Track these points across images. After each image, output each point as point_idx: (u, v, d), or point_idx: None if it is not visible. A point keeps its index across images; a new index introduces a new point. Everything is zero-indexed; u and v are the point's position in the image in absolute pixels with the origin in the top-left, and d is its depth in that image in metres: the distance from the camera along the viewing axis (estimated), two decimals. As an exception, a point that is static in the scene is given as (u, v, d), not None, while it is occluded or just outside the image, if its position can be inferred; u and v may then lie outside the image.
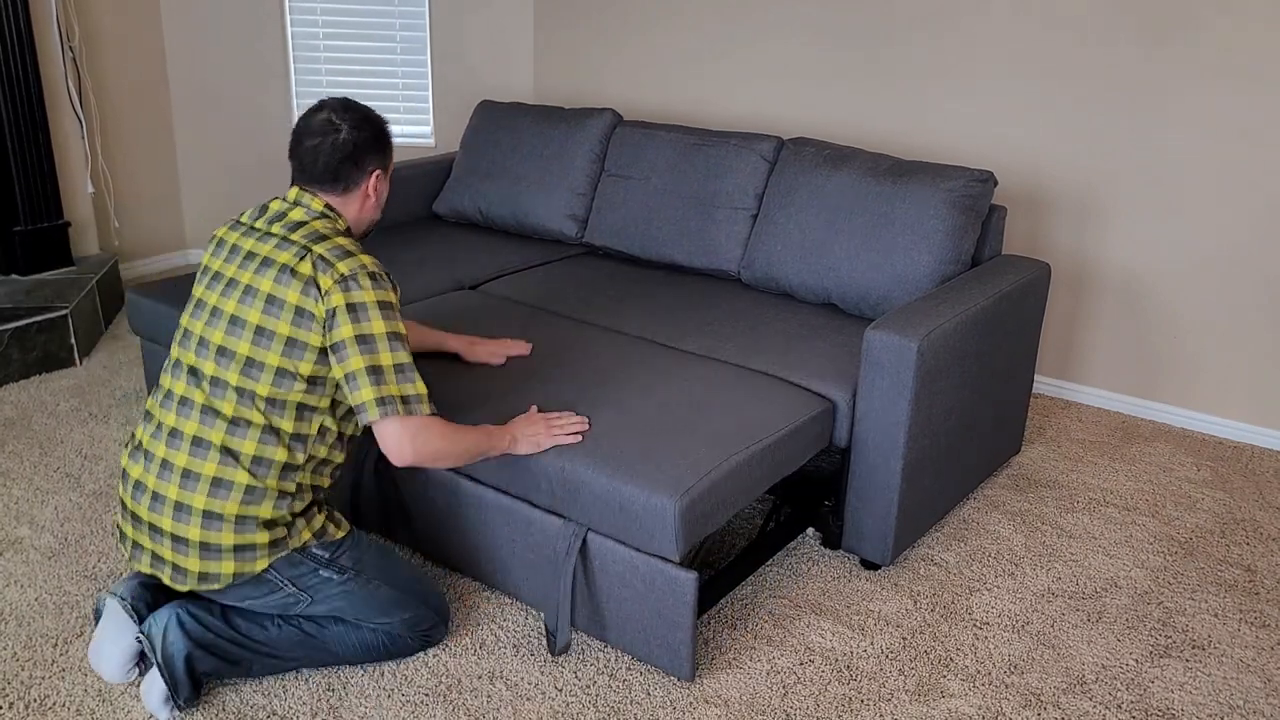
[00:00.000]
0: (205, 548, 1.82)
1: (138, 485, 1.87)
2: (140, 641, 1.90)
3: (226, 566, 1.84)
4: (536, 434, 2.05)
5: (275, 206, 1.97)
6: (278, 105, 4.40)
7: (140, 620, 1.93)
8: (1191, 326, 3.15)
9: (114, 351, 3.59)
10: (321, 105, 1.98)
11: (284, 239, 1.89)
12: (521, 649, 2.13)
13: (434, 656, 2.10)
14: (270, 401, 1.83)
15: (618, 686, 2.04)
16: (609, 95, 4.17)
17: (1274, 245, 2.97)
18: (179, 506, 1.82)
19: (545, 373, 2.35)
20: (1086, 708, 2.01)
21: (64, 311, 3.41)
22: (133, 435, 1.96)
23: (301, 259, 1.84)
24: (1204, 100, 2.97)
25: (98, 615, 2.00)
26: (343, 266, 1.83)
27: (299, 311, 1.82)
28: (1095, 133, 3.16)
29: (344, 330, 1.81)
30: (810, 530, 2.57)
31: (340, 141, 1.93)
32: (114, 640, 1.92)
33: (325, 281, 1.82)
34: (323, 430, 1.90)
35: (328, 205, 1.96)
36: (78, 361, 3.48)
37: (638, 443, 2.05)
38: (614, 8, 4.05)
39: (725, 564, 2.41)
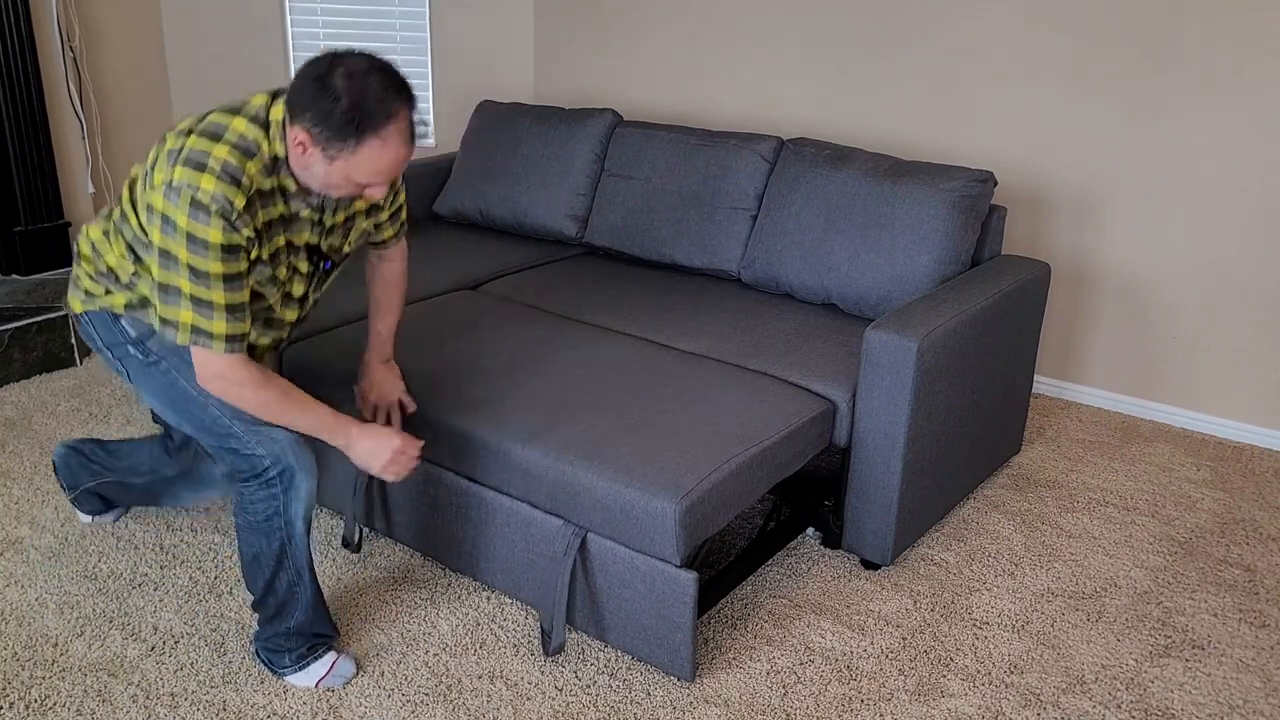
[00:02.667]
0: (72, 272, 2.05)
1: None
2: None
3: (69, 291, 2.04)
4: (378, 457, 1.96)
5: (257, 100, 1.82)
6: (278, 105, 4.40)
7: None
8: (1191, 326, 3.15)
9: (114, 351, 3.59)
10: (368, 58, 1.74)
11: (209, 114, 1.80)
12: (521, 649, 2.13)
13: (434, 656, 2.11)
14: (124, 215, 1.88)
15: (618, 686, 2.04)
16: (609, 95, 4.17)
17: (1274, 245, 2.97)
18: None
19: (545, 373, 2.35)
20: (1086, 707, 2.01)
21: (64, 312, 3.41)
22: None
23: (180, 136, 1.76)
24: (1204, 100, 2.97)
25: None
26: (180, 172, 1.70)
27: (146, 175, 1.80)
28: (1095, 133, 3.16)
29: (155, 234, 1.74)
30: (810, 530, 2.57)
31: (302, 70, 1.74)
32: None
33: (160, 175, 1.73)
34: (138, 274, 1.91)
35: (282, 122, 1.78)
36: (78, 361, 3.48)
37: (638, 444, 2.05)
38: (614, 8, 4.05)
39: (725, 564, 2.41)
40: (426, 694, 2.00)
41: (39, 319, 3.36)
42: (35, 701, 1.96)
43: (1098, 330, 3.31)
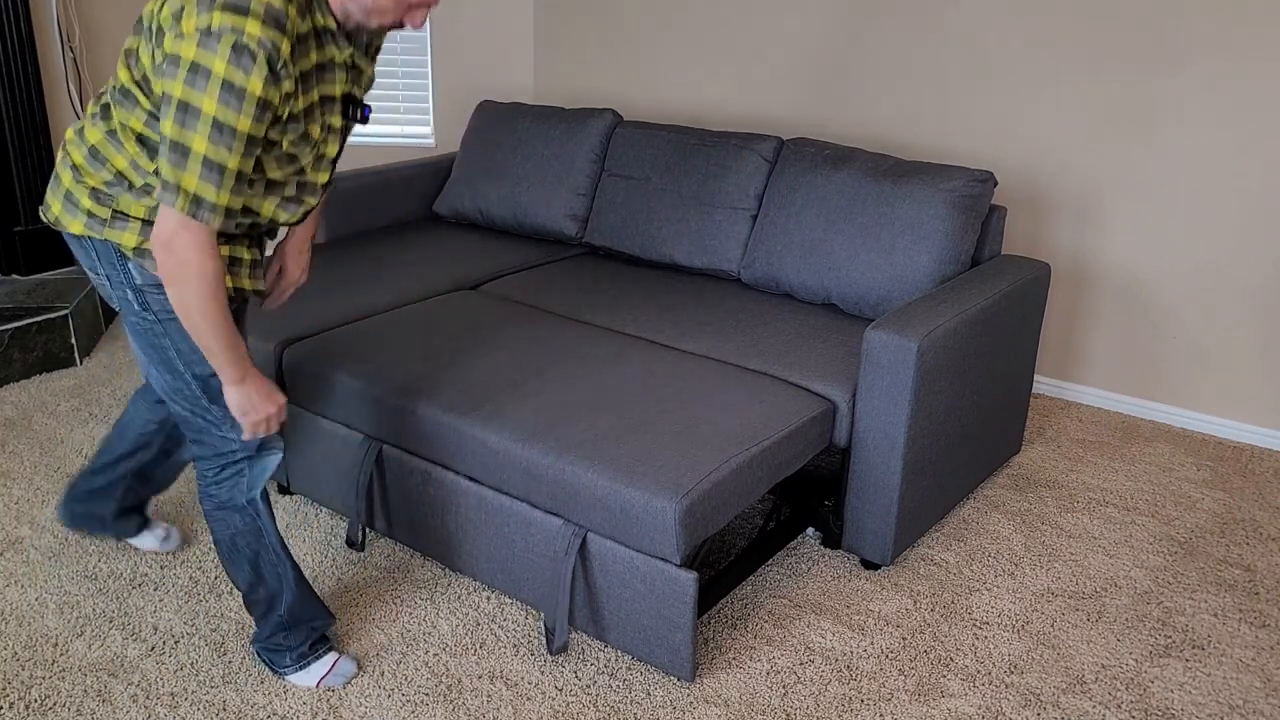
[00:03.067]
0: (56, 179, 1.84)
1: None
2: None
3: (56, 205, 1.83)
4: (258, 410, 1.82)
5: None
6: (278, 105, 4.39)
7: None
8: (1191, 326, 3.15)
9: (114, 351, 3.59)
10: None
11: None
12: (521, 649, 2.14)
13: (434, 656, 2.11)
14: (128, 100, 1.72)
15: (618, 686, 2.04)
16: (609, 95, 4.17)
17: (1274, 245, 2.97)
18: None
19: (545, 373, 2.35)
20: (1086, 707, 2.01)
21: (64, 312, 3.41)
22: None
23: None
24: (1204, 100, 2.97)
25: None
26: (220, 17, 1.53)
27: (159, 30, 1.62)
28: (1095, 133, 3.16)
29: (174, 86, 1.55)
30: (810, 530, 2.57)
31: None
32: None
33: (190, 22, 1.55)
34: (159, 172, 1.68)
35: None
36: (78, 361, 3.48)
37: (637, 444, 2.05)
38: (614, 8, 4.05)
39: (725, 564, 2.41)
40: (426, 694, 2.01)
41: (39, 319, 3.36)
42: (35, 701, 1.96)
43: (1098, 330, 3.31)
